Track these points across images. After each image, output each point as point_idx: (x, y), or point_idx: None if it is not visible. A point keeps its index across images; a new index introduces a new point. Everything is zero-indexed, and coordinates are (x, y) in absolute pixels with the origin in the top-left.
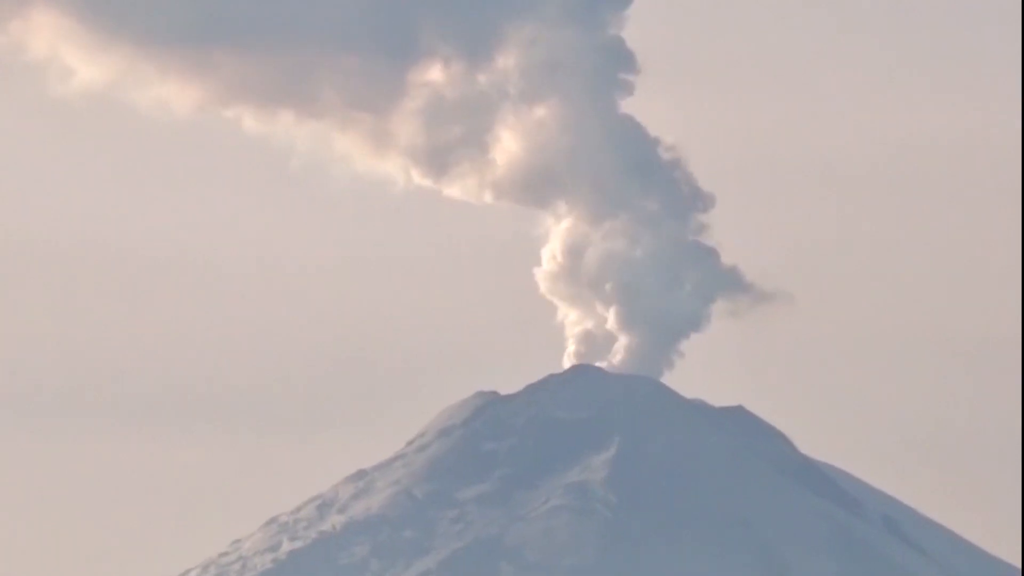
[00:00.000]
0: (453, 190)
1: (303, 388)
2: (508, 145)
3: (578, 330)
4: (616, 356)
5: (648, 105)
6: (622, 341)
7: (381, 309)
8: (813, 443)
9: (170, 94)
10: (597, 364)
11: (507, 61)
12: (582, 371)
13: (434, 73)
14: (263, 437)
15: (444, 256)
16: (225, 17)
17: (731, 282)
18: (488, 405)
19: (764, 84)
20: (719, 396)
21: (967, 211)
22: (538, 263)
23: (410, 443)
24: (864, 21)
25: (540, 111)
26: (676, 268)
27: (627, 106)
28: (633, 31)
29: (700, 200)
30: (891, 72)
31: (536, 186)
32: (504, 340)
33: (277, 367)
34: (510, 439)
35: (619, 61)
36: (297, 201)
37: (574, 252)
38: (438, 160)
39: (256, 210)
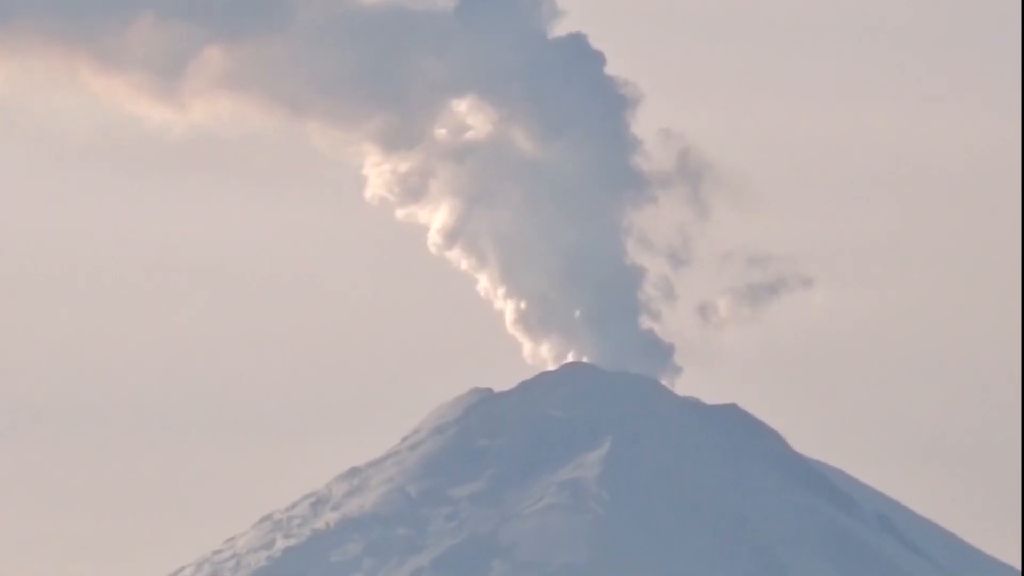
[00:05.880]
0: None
1: (297, 385)
2: None
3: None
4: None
5: (654, 110)
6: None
7: (374, 305)
8: (806, 441)
9: None
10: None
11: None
12: (576, 369)
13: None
14: (257, 434)
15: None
16: None
17: None
18: (482, 402)
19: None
20: (712, 394)
21: (963, 212)
22: None
23: (404, 440)
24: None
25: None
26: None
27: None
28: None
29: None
30: (889, 76)
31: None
32: (499, 336)
33: (270, 364)
34: (504, 437)
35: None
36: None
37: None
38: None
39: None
